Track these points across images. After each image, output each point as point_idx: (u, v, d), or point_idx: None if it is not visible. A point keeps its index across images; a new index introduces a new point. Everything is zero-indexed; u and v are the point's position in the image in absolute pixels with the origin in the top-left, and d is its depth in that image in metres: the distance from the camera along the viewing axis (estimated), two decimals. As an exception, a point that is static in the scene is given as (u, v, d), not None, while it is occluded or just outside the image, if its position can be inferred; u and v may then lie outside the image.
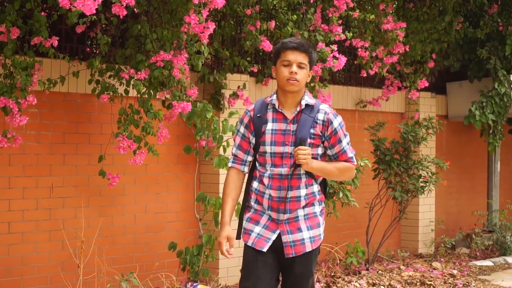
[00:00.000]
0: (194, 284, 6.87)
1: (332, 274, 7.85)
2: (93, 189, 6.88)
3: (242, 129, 4.17)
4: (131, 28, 6.24)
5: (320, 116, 4.02)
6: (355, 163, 4.10)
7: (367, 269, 8.34)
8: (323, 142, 4.04)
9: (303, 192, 4.03)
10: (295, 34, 7.57)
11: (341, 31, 7.77)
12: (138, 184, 7.25)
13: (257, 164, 4.15)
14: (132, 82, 6.24)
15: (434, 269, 8.64)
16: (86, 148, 6.84)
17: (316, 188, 4.08)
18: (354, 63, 8.93)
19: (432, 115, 9.62)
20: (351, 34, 7.99)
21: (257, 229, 4.08)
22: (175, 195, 7.52)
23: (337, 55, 7.53)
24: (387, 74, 9.25)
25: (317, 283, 7.44)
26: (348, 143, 4.08)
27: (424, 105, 9.96)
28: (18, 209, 6.42)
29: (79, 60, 6.54)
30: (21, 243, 6.44)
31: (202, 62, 6.44)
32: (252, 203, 4.14)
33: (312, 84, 7.61)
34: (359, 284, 7.56)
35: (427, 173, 8.63)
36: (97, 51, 6.42)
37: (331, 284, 7.48)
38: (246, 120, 4.16)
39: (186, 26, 6.10)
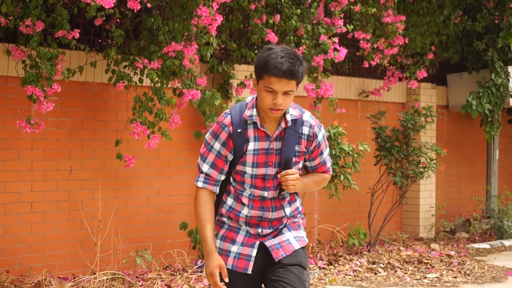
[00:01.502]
0: (203, 262, 7.32)
1: (334, 253, 8.29)
2: (109, 172, 7.35)
3: (217, 146, 3.55)
4: (144, 21, 6.72)
5: (305, 130, 3.59)
6: (331, 172, 3.78)
7: (369, 251, 8.79)
8: (305, 155, 3.65)
9: (287, 211, 3.63)
10: (299, 27, 8.03)
11: (343, 24, 8.22)
12: (151, 168, 7.71)
13: (231, 180, 3.64)
14: (145, 72, 6.71)
15: (433, 250, 9.08)
16: (102, 134, 7.31)
17: (298, 202, 3.71)
18: (357, 54, 9.36)
19: (432, 105, 10.02)
20: (352, 27, 8.43)
21: (234, 248, 3.61)
22: (186, 179, 7.98)
23: (337, 47, 7.98)
24: (389, 65, 9.70)
25: (320, 261, 7.90)
26: (328, 154, 3.72)
27: (425, 95, 10.38)
28: (39, 190, 6.89)
29: (96, 52, 7.01)
30: (42, 222, 6.92)
31: (211, 52, 6.92)
32: (224, 219, 3.66)
33: (315, 75, 8.05)
34: (360, 263, 8.00)
35: (426, 159, 9.06)
36: (113, 43, 6.89)
37: (333, 262, 7.93)
38: (223, 137, 3.53)
39: (196, 19, 6.57)
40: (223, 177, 3.59)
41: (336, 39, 8.03)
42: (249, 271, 3.56)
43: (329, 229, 8.71)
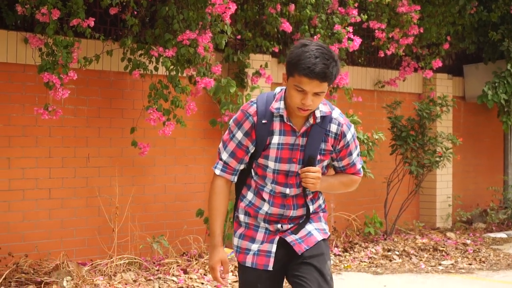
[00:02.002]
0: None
1: (350, 240, 8.35)
2: (126, 160, 7.45)
3: (239, 135, 3.42)
4: (159, 10, 6.81)
5: (333, 128, 3.42)
6: (362, 174, 3.59)
7: (385, 239, 8.83)
8: (332, 154, 3.48)
9: (311, 208, 3.49)
10: (313, 17, 8.09)
11: (357, 13, 8.27)
12: (168, 156, 7.81)
13: (252, 173, 3.52)
14: (161, 60, 6.80)
15: (449, 239, 9.10)
16: (119, 122, 7.41)
17: (321, 200, 3.57)
18: (372, 44, 9.40)
19: (448, 94, 10.03)
20: (366, 16, 8.48)
21: (254, 246, 3.48)
22: (202, 167, 8.07)
23: (352, 36, 8.03)
24: (404, 55, 9.74)
25: (335, 248, 7.95)
26: (358, 155, 3.54)
27: (441, 86, 10.40)
28: (57, 176, 7.01)
29: (112, 41, 7.11)
30: (60, 208, 7.03)
31: (225, 40, 7.00)
32: (241, 215, 3.54)
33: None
34: (375, 250, 8.05)
35: (442, 148, 9.09)
36: (129, 32, 6.99)
37: (348, 249, 7.99)
38: (246, 126, 3.41)
39: (210, 8, 6.65)
40: (242, 167, 3.48)
41: (350, 29, 8.09)
42: (270, 268, 3.42)
43: (344, 216, 8.76)
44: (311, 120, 3.37)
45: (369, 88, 9.83)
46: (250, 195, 3.49)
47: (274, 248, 3.44)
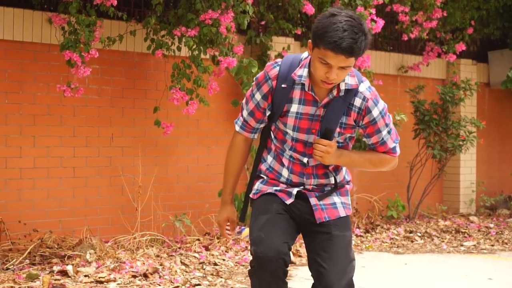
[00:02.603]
0: (242, 227, 7.44)
1: (372, 221, 8.37)
2: (149, 140, 7.52)
3: (258, 96, 3.31)
4: (182, -10, 6.87)
5: (357, 102, 3.22)
6: (397, 153, 3.36)
7: (407, 222, 8.83)
8: (355, 128, 3.33)
9: (332, 180, 3.35)
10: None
11: (380, -5, 8.27)
12: (191, 138, 7.87)
13: (272, 136, 3.41)
14: (183, 40, 6.86)
15: (472, 222, 9.08)
16: (142, 102, 7.48)
17: (344, 171, 3.42)
18: (395, 28, 9.40)
19: (471, 78, 9.98)
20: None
21: (276, 188, 3.36)
22: (224, 149, 8.02)
23: (375, 18, 8.04)
24: (428, 40, 9.72)
25: (357, 229, 7.98)
26: (389, 132, 3.30)
27: (465, 71, 10.36)
28: (82, 156, 7.10)
29: (136, 21, 7.19)
30: (84, 187, 7.12)
31: (247, 20, 7.04)
32: (264, 176, 3.43)
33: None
34: (397, 232, 8.06)
35: (465, 132, 9.07)
36: (152, 12, 7.05)
37: (370, 230, 8.01)
38: (265, 89, 3.28)
39: (233, -13, 6.70)
40: (262, 125, 3.38)
41: (373, 11, 8.09)
42: (288, 202, 3.30)
43: (367, 198, 8.78)
44: (334, 92, 3.20)
45: (392, 73, 9.83)
46: (269, 159, 3.39)
47: (295, 191, 3.31)
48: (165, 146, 7.65)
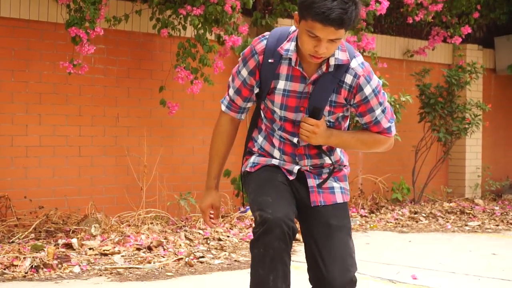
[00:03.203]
0: (247, 207, 7.48)
1: (376, 202, 8.39)
2: (154, 121, 7.55)
3: (244, 72, 3.09)
4: (187, -31, 6.89)
5: (348, 79, 3.01)
6: (393, 133, 3.15)
7: (412, 205, 8.86)
8: (347, 107, 3.11)
9: (327, 160, 3.15)
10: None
11: (385, -23, 8.28)
12: (196, 119, 7.90)
13: (262, 115, 3.21)
14: (189, 19, 6.88)
15: (477, 205, 9.08)
16: (148, 83, 7.52)
17: (339, 152, 3.21)
18: (401, 11, 9.40)
19: (477, 61, 9.97)
20: (395, -20, 8.49)
21: (274, 161, 3.17)
22: (230, 130, 8.12)
23: (380, -1, 8.06)
24: (433, 25, 9.72)
25: (361, 210, 7.99)
26: (383, 111, 3.09)
27: (471, 56, 10.35)
28: (87, 135, 7.13)
29: (141, 1, 7.21)
30: (90, 166, 7.16)
31: (253, 0, 7.06)
32: (254, 155, 3.24)
33: (357, 27, 8.13)
34: (402, 213, 8.07)
35: (470, 115, 9.08)
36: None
37: (374, 211, 8.02)
38: (251, 65, 3.07)
39: (238, -33, 6.73)
40: (249, 105, 3.18)
41: (378, -9, 8.10)
42: (291, 179, 3.12)
43: (371, 179, 8.80)
44: (323, 68, 2.98)
45: (398, 57, 9.84)
46: (260, 139, 3.20)
47: (296, 169, 3.11)
48: (171, 127, 7.68)
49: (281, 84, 3.03)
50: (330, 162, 3.13)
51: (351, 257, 3.01)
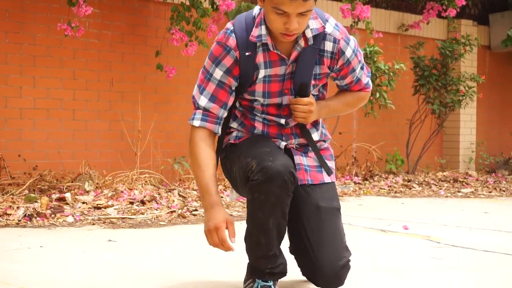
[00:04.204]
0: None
1: (370, 170, 8.41)
2: (149, 87, 7.57)
3: (217, 74, 2.83)
4: None
5: (328, 46, 2.87)
6: (371, 87, 3.10)
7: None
8: (329, 74, 3.00)
9: (315, 136, 3.03)
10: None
11: None
12: (191, 86, 7.89)
13: (237, 105, 3.01)
14: (183, -18, 6.92)
15: (470, 176, 9.12)
16: (142, 48, 7.53)
17: (321, 124, 3.12)
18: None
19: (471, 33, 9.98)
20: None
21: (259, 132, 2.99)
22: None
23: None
24: (428, 0, 9.73)
25: (355, 177, 8.02)
26: (362, 68, 3.02)
27: (466, 32, 10.36)
28: (81, 99, 7.14)
29: (136, -34, 7.24)
30: (84, 130, 7.17)
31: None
32: (235, 132, 3.03)
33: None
34: (395, 180, 8.10)
35: (464, 87, 9.11)
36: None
37: (368, 178, 8.05)
38: (227, 63, 2.82)
39: None
40: (225, 114, 2.89)
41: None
42: (282, 146, 2.95)
43: (365, 147, 8.82)
44: (301, 43, 2.81)
45: (392, 31, 9.86)
46: (235, 125, 3.00)
47: (283, 145, 2.94)
48: (165, 94, 7.70)
49: (262, 73, 2.84)
50: (318, 138, 3.03)
51: (342, 241, 2.90)
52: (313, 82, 2.89)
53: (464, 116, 10.23)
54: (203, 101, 2.83)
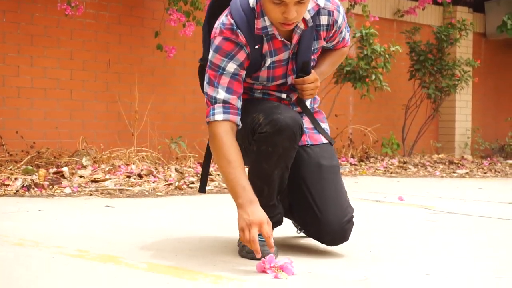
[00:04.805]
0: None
1: (366, 151, 8.46)
2: (146, 68, 7.60)
3: (231, 67, 2.78)
4: None
5: (324, 20, 2.91)
6: (349, 43, 3.15)
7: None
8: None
9: (308, 103, 3.07)
10: None
11: None
12: (188, 69, 7.94)
13: None
14: (180, -38, 6.94)
15: (465, 159, 9.17)
16: (139, 30, 7.56)
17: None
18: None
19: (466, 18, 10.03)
20: None
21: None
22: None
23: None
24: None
25: (351, 158, 8.06)
26: (346, 26, 3.07)
27: (461, 17, 10.41)
28: (78, 79, 7.17)
29: None
30: (81, 110, 7.20)
31: None
32: None
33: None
34: (391, 162, 8.15)
35: (460, 71, 9.15)
36: None
37: (364, 160, 8.09)
38: (241, 57, 2.79)
39: None
40: (240, 104, 2.82)
41: None
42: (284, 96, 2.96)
43: (361, 129, 8.87)
44: (301, 26, 2.83)
45: (388, 17, 9.90)
46: None
47: (284, 95, 2.96)
48: (162, 76, 7.73)
49: (268, 62, 2.86)
50: (309, 103, 3.08)
51: (345, 198, 2.93)
52: (312, 56, 2.94)
53: (459, 103, 10.28)
54: (221, 94, 2.77)
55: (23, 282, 2.31)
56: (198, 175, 6.27)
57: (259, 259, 2.57)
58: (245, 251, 2.82)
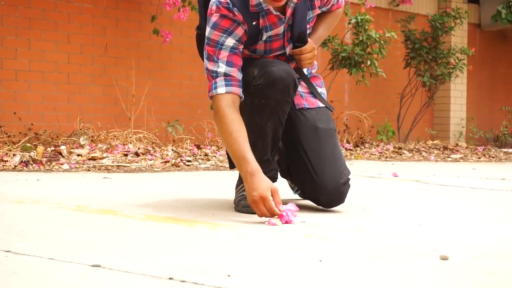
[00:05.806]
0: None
1: (361, 137, 8.52)
2: (143, 53, 7.65)
3: (229, 42, 2.81)
4: None
5: None
6: (343, 3, 3.18)
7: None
8: None
9: (305, 69, 3.13)
10: None
11: None
12: (184, 54, 8.00)
13: None
14: None
15: (460, 146, 9.24)
16: (136, 15, 7.61)
17: None
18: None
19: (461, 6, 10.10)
20: None
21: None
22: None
23: None
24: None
25: (346, 144, 8.12)
26: None
27: (456, 6, 10.47)
28: (76, 63, 7.22)
29: None
30: (78, 94, 7.25)
31: None
32: None
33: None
34: (386, 148, 8.21)
35: (454, 59, 9.21)
36: None
37: (359, 144, 8.15)
38: (240, 32, 2.83)
39: None
40: (241, 77, 2.85)
41: None
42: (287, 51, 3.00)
43: (356, 114, 8.93)
44: None
45: (384, 6, 9.97)
46: None
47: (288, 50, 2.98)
48: (159, 61, 7.78)
49: (264, 36, 2.91)
50: (309, 71, 3.13)
51: (341, 160, 2.96)
52: (308, 25, 2.98)
53: (454, 92, 10.34)
54: (222, 67, 2.78)
55: (23, 227, 2.37)
56: (195, 156, 6.32)
57: (255, 213, 2.62)
58: (240, 206, 2.88)
